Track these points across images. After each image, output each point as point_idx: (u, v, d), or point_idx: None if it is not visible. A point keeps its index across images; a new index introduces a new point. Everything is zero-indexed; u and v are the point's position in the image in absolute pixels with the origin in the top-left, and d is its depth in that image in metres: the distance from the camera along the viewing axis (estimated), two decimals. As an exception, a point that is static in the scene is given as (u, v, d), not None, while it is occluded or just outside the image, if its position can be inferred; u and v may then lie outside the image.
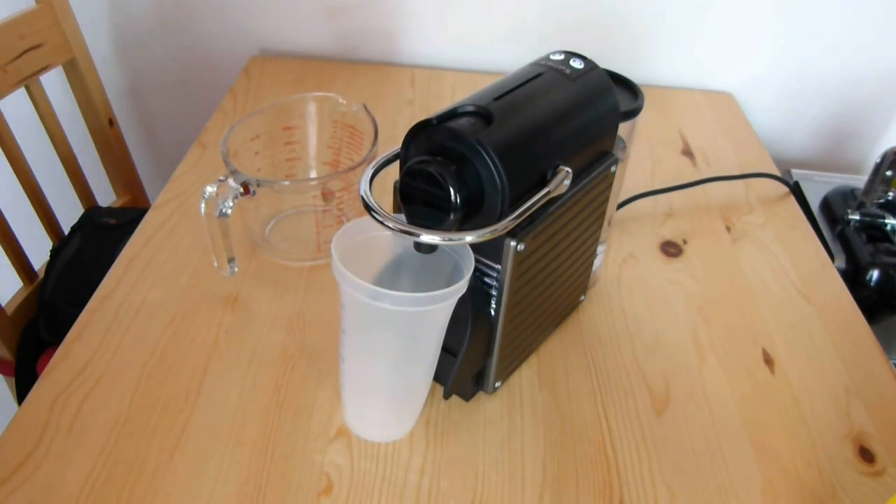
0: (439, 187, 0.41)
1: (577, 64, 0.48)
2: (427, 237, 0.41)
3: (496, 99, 0.44)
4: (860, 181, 0.90)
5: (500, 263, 0.46)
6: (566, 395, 0.56)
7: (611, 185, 0.54)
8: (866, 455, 0.53)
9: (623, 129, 0.54)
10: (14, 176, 0.88)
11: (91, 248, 0.89)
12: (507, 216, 0.42)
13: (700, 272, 0.70)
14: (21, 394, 0.85)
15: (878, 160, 0.84)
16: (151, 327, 0.60)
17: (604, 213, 0.56)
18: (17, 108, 0.88)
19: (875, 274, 0.78)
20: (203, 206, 0.57)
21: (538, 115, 0.45)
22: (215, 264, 0.63)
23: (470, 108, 0.43)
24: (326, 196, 0.65)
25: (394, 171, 0.46)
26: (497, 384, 0.55)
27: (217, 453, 0.50)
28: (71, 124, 0.98)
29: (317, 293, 0.64)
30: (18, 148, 0.87)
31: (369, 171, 0.45)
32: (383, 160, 0.46)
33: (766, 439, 0.54)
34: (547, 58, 0.49)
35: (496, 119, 0.42)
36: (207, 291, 0.64)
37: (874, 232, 0.83)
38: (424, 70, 1.05)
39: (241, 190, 0.59)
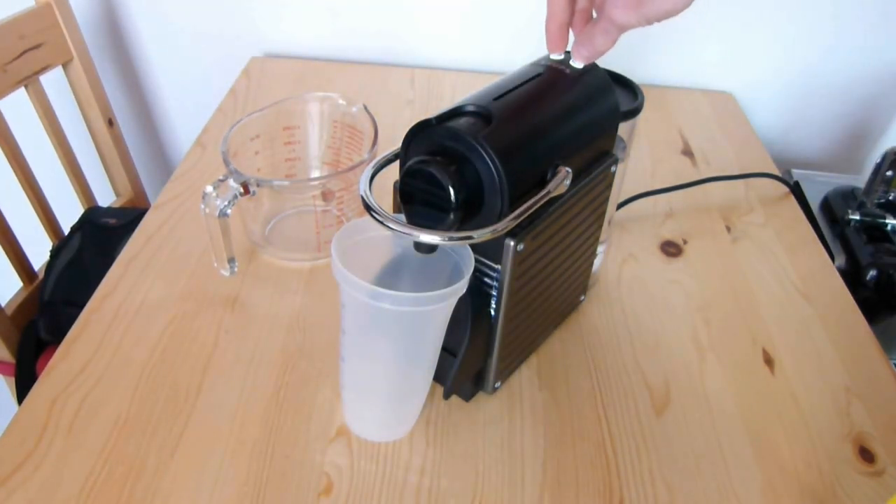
0: (439, 187, 0.41)
1: (576, 64, 0.48)
2: (427, 237, 0.41)
3: (496, 99, 0.44)
4: (860, 181, 0.90)
5: (500, 263, 0.46)
6: (566, 395, 0.56)
7: (611, 185, 0.54)
8: (866, 455, 0.53)
9: (623, 129, 0.54)
10: (14, 176, 0.88)
11: (91, 248, 0.89)
12: (507, 216, 0.42)
13: (700, 272, 0.70)
14: (21, 394, 0.85)
15: (879, 160, 0.84)
16: (151, 327, 0.60)
17: (604, 213, 0.56)
18: (17, 108, 0.88)
19: (875, 274, 0.78)
20: (203, 206, 0.57)
21: (538, 115, 0.45)
22: (215, 264, 0.63)
23: (470, 108, 0.43)
24: (326, 196, 0.65)
25: (394, 171, 0.46)
26: (497, 384, 0.55)
27: (217, 453, 0.50)
28: (71, 124, 0.98)
29: (317, 293, 0.64)
30: (18, 148, 0.87)
31: (369, 171, 0.45)
32: (383, 160, 0.46)
33: (766, 439, 0.54)
34: (547, 58, 0.49)
35: (496, 119, 0.42)
36: (207, 291, 0.64)
37: (874, 232, 0.83)
38: (424, 70, 1.05)
39: (241, 190, 0.59)
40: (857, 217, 0.84)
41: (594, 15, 0.46)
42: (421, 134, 0.43)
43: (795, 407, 0.57)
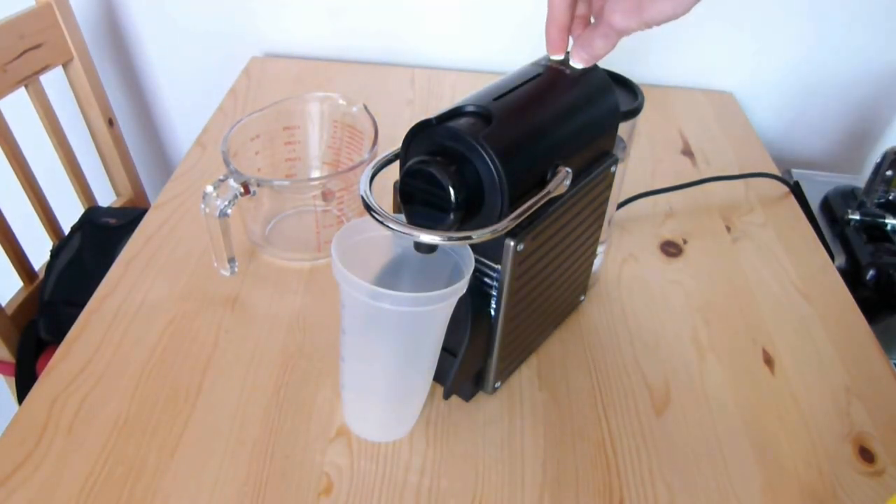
0: (439, 187, 0.41)
1: (576, 65, 0.48)
2: (427, 237, 0.41)
3: (496, 99, 0.44)
4: (860, 181, 0.90)
5: (500, 263, 0.46)
6: (566, 395, 0.56)
7: (611, 185, 0.54)
8: (866, 455, 0.53)
9: (623, 129, 0.54)
10: (14, 176, 0.88)
11: (91, 248, 0.89)
12: (507, 216, 0.42)
13: (700, 272, 0.70)
14: (21, 394, 0.85)
15: (879, 160, 0.84)
16: (151, 327, 0.60)
17: (604, 213, 0.56)
18: (17, 108, 0.88)
19: (875, 274, 0.78)
20: (203, 206, 0.57)
21: (538, 115, 0.45)
22: (215, 264, 0.63)
23: (470, 108, 0.43)
24: (326, 196, 0.65)
25: (394, 171, 0.46)
26: (497, 384, 0.55)
27: (217, 453, 0.50)
28: (71, 124, 0.98)
29: (317, 293, 0.64)
30: (18, 148, 0.87)
31: (369, 171, 0.45)
32: (383, 160, 0.46)
33: (766, 439, 0.54)
34: (547, 58, 0.49)
35: (496, 119, 0.42)
36: (207, 291, 0.64)
37: (874, 232, 0.83)
38: (424, 70, 1.05)
39: (241, 190, 0.59)
40: (857, 217, 0.84)
41: (592, 21, 0.46)
42: (421, 134, 0.43)
43: (795, 407, 0.57)
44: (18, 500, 0.46)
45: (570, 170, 0.45)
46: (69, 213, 0.95)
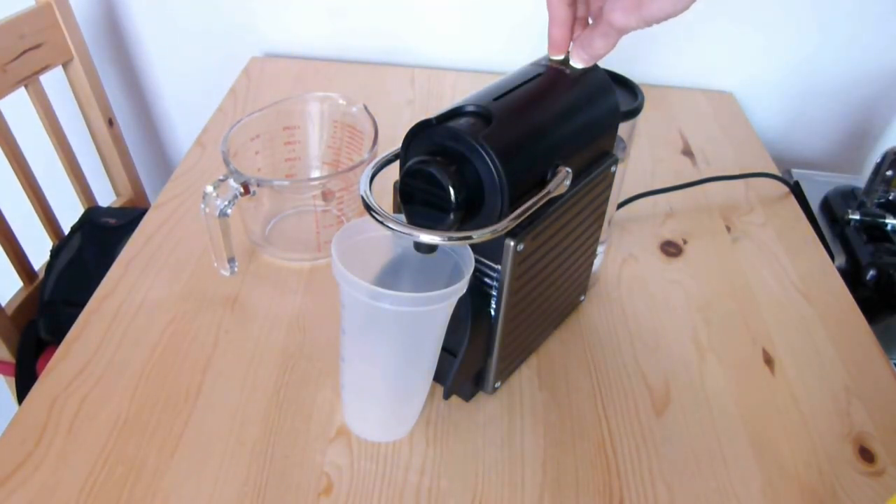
0: (439, 187, 0.41)
1: (576, 65, 0.48)
2: (427, 237, 0.41)
3: (496, 99, 0.43)
4: (860, 181, 0.90)
5: (500, 263, 0.46)
6: (566, 395, 0.56)
7: (611, 185, 0.54)
8: (866, 455, 0.53)
9: (623, 129, 0.54)
10: (14, 176, 0.88)
11: (91, 248, 0.89)
12: (507, 216, 0.42)
13: (700, 272, 0.70)
14: (21, 394, 0.85)
15: (879, 160, 0.84)
16: (151, 327, 0.60)
17: (604, 213, 0.56)
18: (17, 108, 0.88)
19: (875, 274, 0.78)
20: (203, 206, 0.57)
21: (538, 115, 0.45)
22: (215, 264, 0.63)
23: (470, 108, 0.43)
24: (326, 196, 0.65)
25: (394, 171, 0.46)
26: (497, 384, 0.55)
27: (217, 453, 0.50)
28: (71, 124, 0.98)
29: (317, 293, 0.64)
30: (18, 148, 0.87)
31: (369, 171, 0.45)
32: (383, 160, 0.46)
33: (766, 439, 0.54)
34: (547, 58, 0.49)
35: (496, 119, 0.42)
36: (207, 291, 0.64)
37: (874, 232, 0.83)
38: (424, 70, 1.05)
39: (241, 190, 0.59)
40: (857, 217, 0.84)
41: (590, 22, 0.46)
42: (421, 134, 0.43)
43: (795, 407, 0.57)
44: (18, 500, 0.46)
45: (570, 170, 0.45)
46: (69, 213, 0.95)
